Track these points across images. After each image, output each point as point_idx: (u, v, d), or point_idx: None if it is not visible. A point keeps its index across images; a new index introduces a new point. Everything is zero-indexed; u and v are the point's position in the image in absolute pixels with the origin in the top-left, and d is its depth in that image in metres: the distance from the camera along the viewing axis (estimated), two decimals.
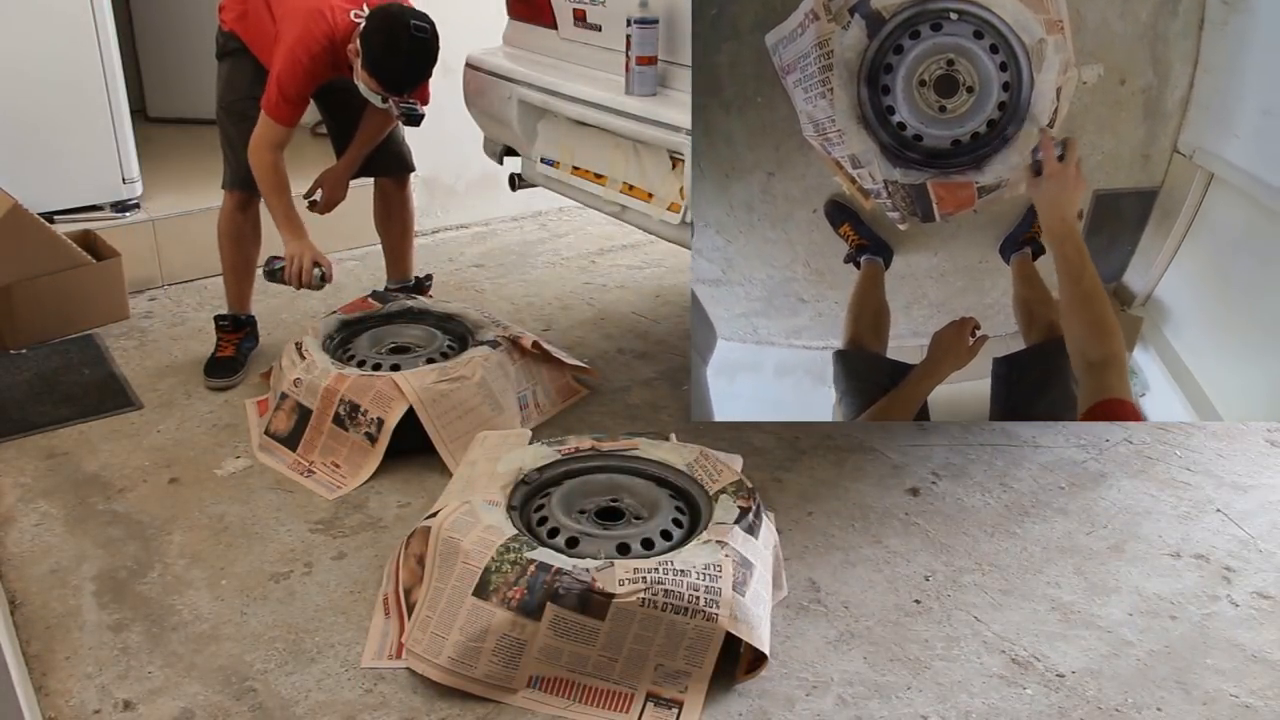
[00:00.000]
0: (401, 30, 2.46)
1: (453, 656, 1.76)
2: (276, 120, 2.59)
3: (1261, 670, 1.86)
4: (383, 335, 2.73)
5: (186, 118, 4.47)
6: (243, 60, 2.73)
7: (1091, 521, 2.28)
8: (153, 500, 2.33)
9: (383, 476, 2.39)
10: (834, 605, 2.01)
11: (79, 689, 1.79)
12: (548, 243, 4.07)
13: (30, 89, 3.22)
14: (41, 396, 2.76)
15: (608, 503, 2.03)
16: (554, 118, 2.72)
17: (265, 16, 2.63)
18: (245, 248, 2.89)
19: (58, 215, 3.35)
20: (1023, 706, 1.77)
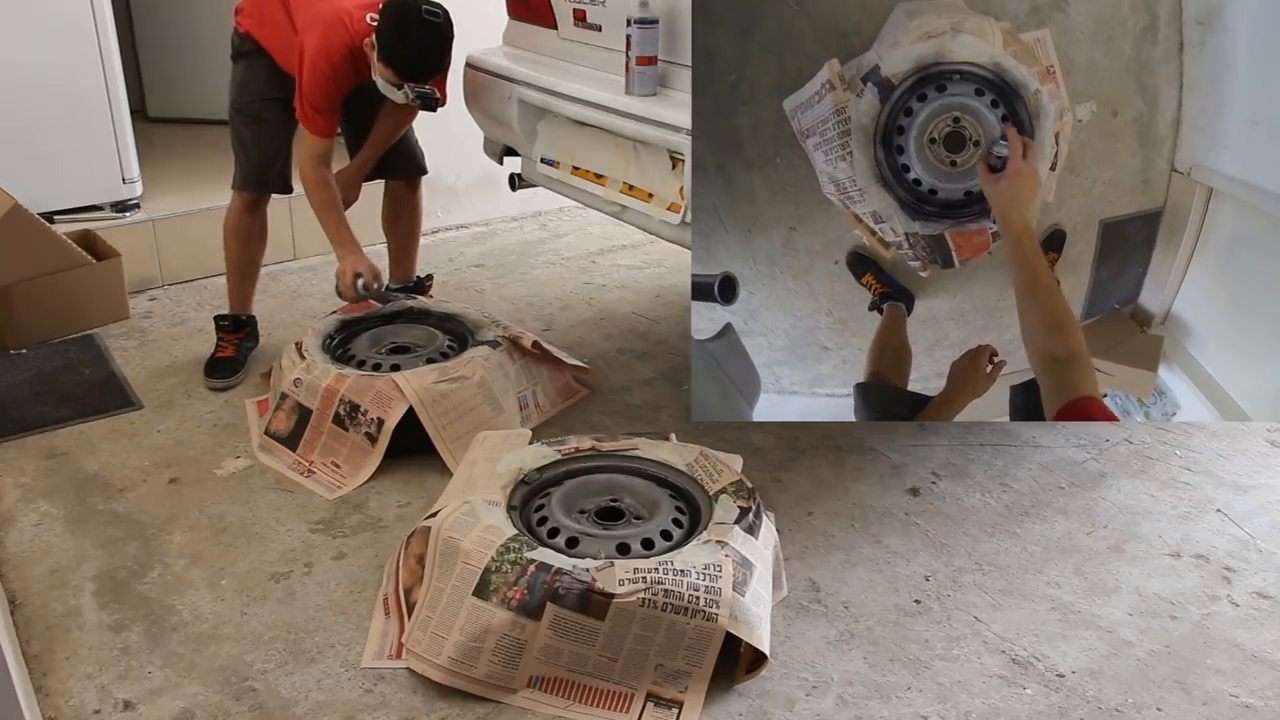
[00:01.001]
0: (414, 17, 2.48)
1: (453, 656, 1.76)
2: (313, 132, 2.62)
3: (1261, 670, 1.86)
4: (383, 335, 2.73)
5: (186, 118, 4.48)
6: (258, 62, 2.73)
7: (1091, 521, 2.28)
8: (153, 500, 2.33)
9: (383, 476, 2.40)
10: (834, 605, 2.01)
11: (79, 689, 1.79)
12: (548, 243, 4.07)
13: (30, 89, 3.22)
14: (41, 396, 2.76)
15: (608, 503, 2.03)
16: (554, 118, 2.72)
17: (284, 22, 2.64)
18: (251, 248, 2.89)
19: (58, 215, 3.35)
20: (1023, 706, 1.77)
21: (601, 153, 2.59)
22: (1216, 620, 1.98)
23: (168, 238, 3.49)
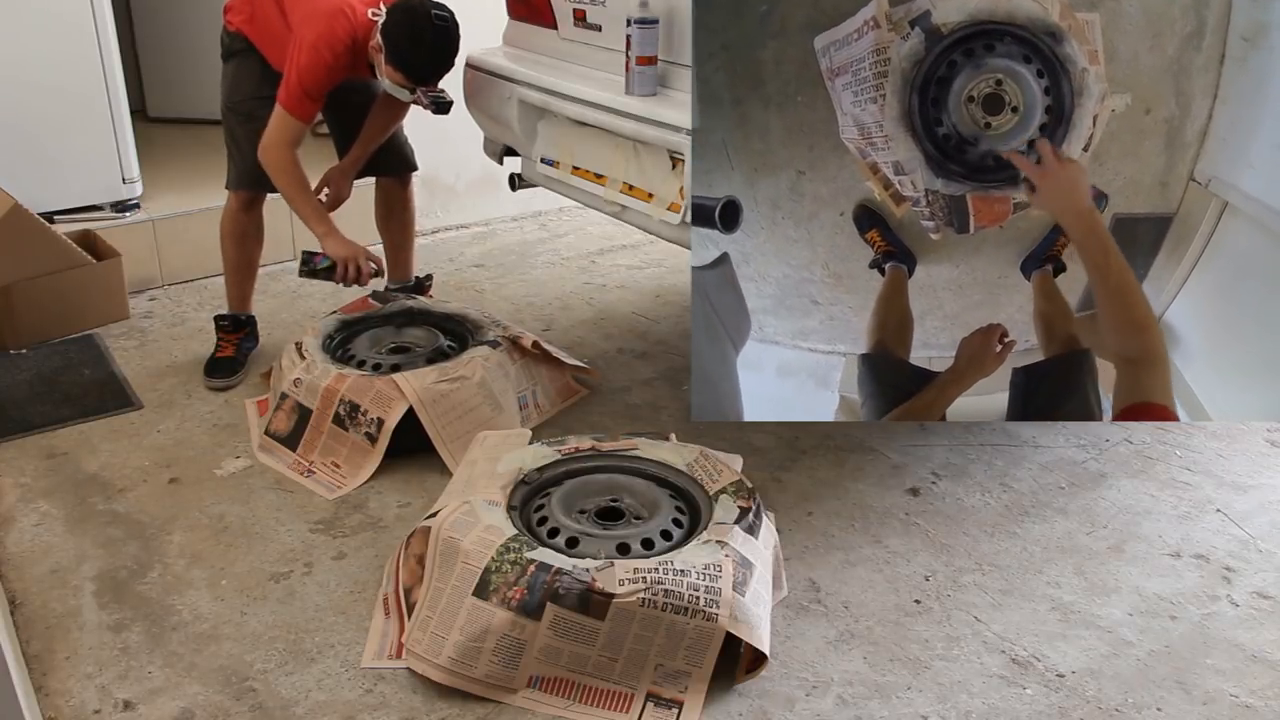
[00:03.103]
0: (424, 21, 2.47)
1: (453, 656, 1.76)
2: (295, 115, 2.59)
3: (1261, 670, 1.86)
4: (383, 335, 2.73)
5: (186, 118, 4.48)
6: (249, 61, 2.73)
7: (1091, 521, 2.28)
8: (153, 500, 2.33)
9: (383, 476, 2.40)
10: (834, 605, 2.01)
11: (79, 689, 1.79)
12: (548, 243, 4.07)
13: (30, 89, 3.22)
14: (41, 396, 2.76)
15: (608, 503, 2.03)
16: (554, 118, 2.72)
17: (276, 18, 2.63)
18: (248, 248, 2.89)
19: (58, 215, 3.35)
20: (1023, 706, 1.77)
21: (601, 153, 2.59)
22: (1216, 620, 1.98)
23: (168, 238, 3.49)
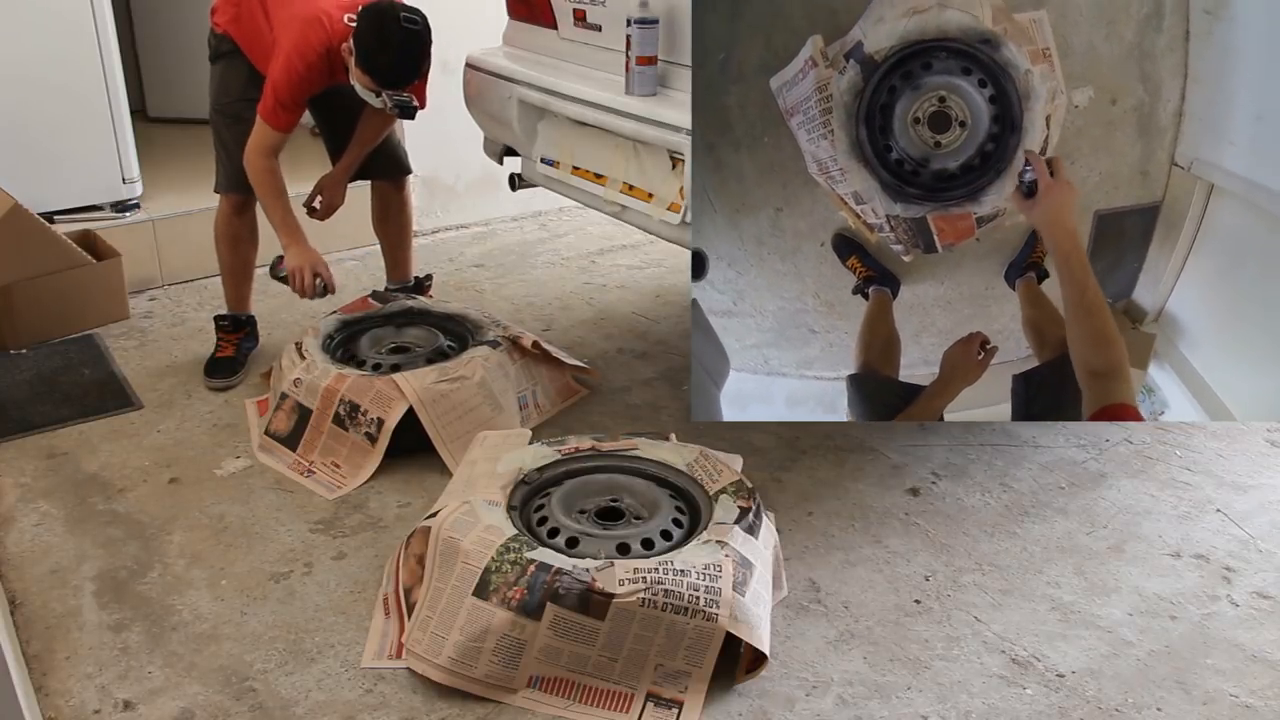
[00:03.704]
0: (392, 24, 2.47)
1: (453, 656, 1.76)
2: (274, 126, 2.59)
3: (1261, 670, 1.86)
4: (383, 335, 2.73)
5: (186, 118, 4.47)
6: (236, 62, 2.73)
7: (1091, 521, 2.28)
8: (153, 500, 2.33)
9: (383, 476, 2.40)
10: (834, 605, 2.01)
11: (79, 689, 1.79)
12: (548, 243, 4.07)
13: (30, 89, 3.22)
14: (41, 396, 2.76)
15: (608, 503, 2.03)
16: (554, 118, 2.72)
17: (260, 19, 2.63)
18: (243, 250, 2.89)
19: (58, 215, 3.35)
20: (1023, 706, 1.77)
21: (601, 153, 2.59)
22: (1216, 620, 1.98)
23: (168, 238, 3.49)
